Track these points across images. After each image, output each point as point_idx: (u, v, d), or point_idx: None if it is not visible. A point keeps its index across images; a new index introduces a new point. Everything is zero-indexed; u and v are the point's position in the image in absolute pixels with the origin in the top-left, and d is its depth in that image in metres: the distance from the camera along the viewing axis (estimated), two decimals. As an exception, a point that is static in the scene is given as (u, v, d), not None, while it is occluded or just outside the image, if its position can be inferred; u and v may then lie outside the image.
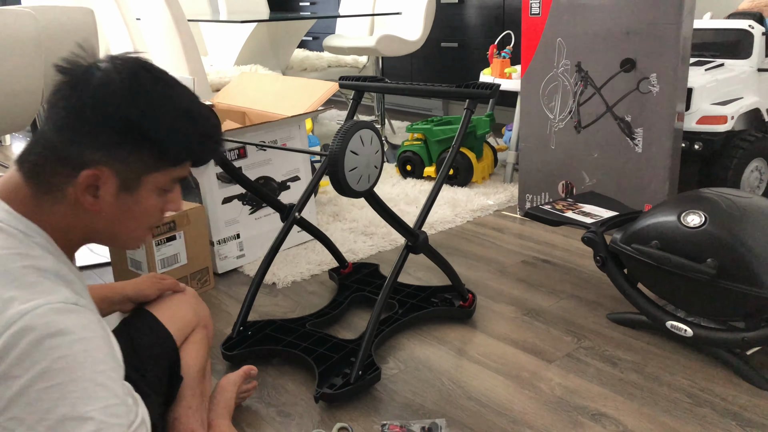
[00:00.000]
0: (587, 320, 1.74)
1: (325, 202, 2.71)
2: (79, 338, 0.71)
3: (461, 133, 1.62)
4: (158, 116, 0.79)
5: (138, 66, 0.80)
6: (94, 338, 0.73)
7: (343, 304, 1.81)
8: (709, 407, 1.37)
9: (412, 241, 1.57)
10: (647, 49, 2.09)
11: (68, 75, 0.78)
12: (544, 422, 1.34)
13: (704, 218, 1.46)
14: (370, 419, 1.38)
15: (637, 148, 2.19)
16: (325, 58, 3.91)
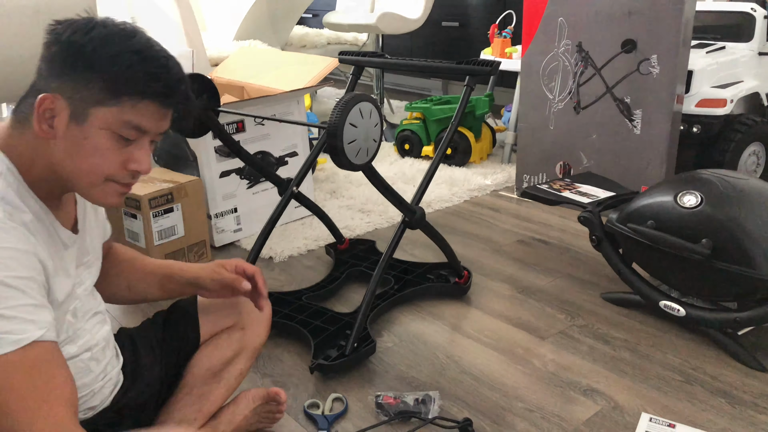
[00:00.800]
0: (581, 299, 1.76)
1: (323, 179, 2.71)
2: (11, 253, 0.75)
3: (460, 111, 1.62)
4: (107, 49, 0.80)
5: (108, 19, 0.83)
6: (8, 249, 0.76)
7: (340, 279, 1.82)
8: (700, 385, 1.39)
9: (410, 217, 1.57)
10: (649, 31, 2.08)
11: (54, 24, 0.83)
12: (536, 396, 1.36)
13: (700, 199, 1.47)
14: (364, 390, 1.39)
15: (636, 130, 2.19)
16: (324, 35, 3.88)
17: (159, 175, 1.97)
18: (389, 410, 1.32)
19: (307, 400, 1.36)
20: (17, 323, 0.74)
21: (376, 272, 1.51)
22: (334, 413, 1.33)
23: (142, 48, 0.82)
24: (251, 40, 3.34)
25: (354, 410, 1.33)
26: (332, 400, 1.36)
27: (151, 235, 1.84)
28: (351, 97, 1.26)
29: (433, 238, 1.69)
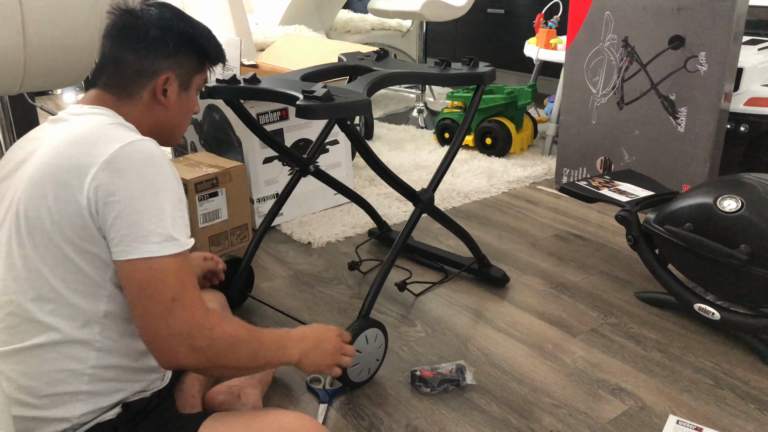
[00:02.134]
0: (615, 297, 1.76)
1: (362, 166, 2.75)
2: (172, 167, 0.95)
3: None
4: (199, 29, 1.08)
5: (171, 5, 1.09)
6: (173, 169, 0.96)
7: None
8: (730, 390, 1.39)
9: (414, 202, 1.59)
10: (698, 26, 2.04)
11: (128, 12, 1.03)
12: (564, 393, 1.39)
13: (741, 204, 1.46)
14: (395, 376, 1.44)
15: (680, 128, 2.16)
16: (369, 21, 3.90)
17: (205, 160, 2.04)
18: (431, 382, 1.38)
19: (308, 375, 1.42)
20: (186, 231, 0.93)
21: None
22: (335, 388, 1.39)
23: (202, 25, 1.10)
24: (296, 25, 3.38)
25: (383, 389, 1.38)
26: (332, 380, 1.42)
27: (195, 218, 1.91)
28: (359, 325, 1.35)
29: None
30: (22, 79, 1.54)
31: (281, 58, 2.56)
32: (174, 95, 1.06)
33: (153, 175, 0.91)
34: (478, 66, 1.64)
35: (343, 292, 1.80)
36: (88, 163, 0.89)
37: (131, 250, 0.87)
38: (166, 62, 1.04)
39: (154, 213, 0.89)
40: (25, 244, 0.90)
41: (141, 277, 0.88)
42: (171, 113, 1.07)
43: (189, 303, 0.89)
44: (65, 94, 4.38)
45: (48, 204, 0.89)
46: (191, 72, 1.08)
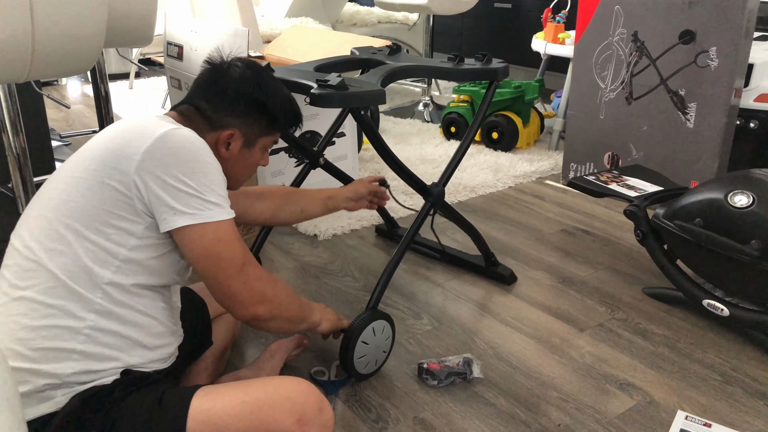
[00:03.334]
0: (622, 292, 1.76)
1: (368, 159, 2.74)
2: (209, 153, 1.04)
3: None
4: (274, 99, 1.15)
5: (258, 66, 1.17)
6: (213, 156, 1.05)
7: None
8: (739, 386, 1.39)
9: (424, 196, 1.58)
10: (709, 22, 2.02)
11: (216, 66, 1.15)
12: (571, 387, 1.38)
13: (752, 199, 1.45)
14: (402, 368, 1.43)
15: (689, 123, 2.15)
16: (375, 14, 3.88)
17: (211, 151, 2.03)
18: (438, 374, 1.37)
19: (313, 368, 1.43)
20: (227, 201, 1.01)
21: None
22: (340, 379, 1.38)
23: (288, 95, 1.19)
24: (303, 18, 3.37)
25: (390, 381, 1.38)
26: (336, 366, 1.42)
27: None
28: (366, 317, 1.35)
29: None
30: (30, 66, 1.53)
31: (288, 49, 2.55)
32: (236, 150, 1.14)
33: (198, 153, 1.00)
34: (492, 62, 1.63)
35: (350, 284, 1.80)
36: (135, 147, 0.97)
37: (194, 217, 0.96)
38: (234, 120, 1.13)
39: (206, 185, 0.98)
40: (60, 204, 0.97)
41: (209, 244, 0.98)
42: (230, 164, 1.15)
43: (253, 263, 1.03)
44: (70, 83, 4.37)
45: (95, 177, 0.97)
46: (258, 133, 1.16)
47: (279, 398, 0.93)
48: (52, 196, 0.99)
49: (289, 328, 1.19)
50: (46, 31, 1.52)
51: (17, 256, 0.97)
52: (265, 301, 1.04)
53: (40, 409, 0.90)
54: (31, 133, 2.02)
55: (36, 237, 0.96)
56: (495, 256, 1.82)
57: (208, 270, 1.00)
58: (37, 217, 0.98)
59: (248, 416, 0.91)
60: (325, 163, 1.75)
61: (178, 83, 2.41)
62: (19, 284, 0.94)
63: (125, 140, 0.99)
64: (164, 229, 0.97)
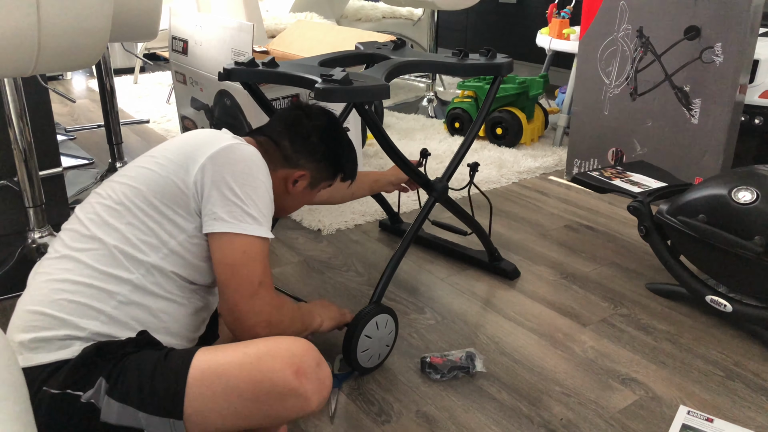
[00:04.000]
0: (625, 288, 1.76)
1: (372, 155, 2.75)
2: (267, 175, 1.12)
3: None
4: (347, 153, 1.31)
5: (336, 119, 1.31)
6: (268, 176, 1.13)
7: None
8: (741, 381, 1.39)
9: (428, 191, 1.58)
10: (715, 17, 2.02)
11: (305, 112, 1.27)
12: (574, 382, 1.38)
13: (756, 195, 1.45)
14: (405, 362, 1.44)
15: (693, 120, 2.14)
16: (380, 9, 3.88)
17: (216, 145, 2.04)
18: (440, 368, 1.38)
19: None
20: (267, 222, 1.08)
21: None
22: (343, 373, 1.39)
23: (351, 144, 1.33)
24: (307, 13, 3.37)
25: (393, 375, 1.39)
26: (339, 360, 1.43)
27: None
28: (370, 311, 1.36)
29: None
30: (36, 60, 1.54)
31: (292, 44, 2.55)
32: (300, 188, 1.25)
33: (255, 170, 1.08)
34: (496, 57, 1.63)
35: (353, 279, 1.81)
36: (203, 152, 1.06)
37: (230, 225, 1.02)
38: (309, 163, 1.24)
39: (253, 200, 1.05)
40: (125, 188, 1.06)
41: (234, 254, 1.03)
42: (290, 198, 1.26)
43: (269, 286, 1.07)
44: (75, 78, 4.38)
45: (164, 172, 1.06)
46: (323, 178, 1.29)
47: (279, 350, 0.95)
48: (121, 181, 1.07)
49: None
50: (53, 25, 1.52)
51: (76, 223, 1.05)
52: (269, 326, 1.08)
53: (56, 355, 0.94)
54: (37, 127, 2.03)
55: (97, 211, 1.04)
56: (498, 251, 1.82)
57: (223, 277, 1.04)
58: (102, 195, 1.07)
59: (248, 365, 0.93)
60: None
61: (183, 78, 2.42)
62: (72, 245, 1.02)
63: (196, 145, 1.09)
64: (204, 231, 1.04)
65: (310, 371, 0.95)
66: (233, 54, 2.09)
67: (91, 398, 0.91)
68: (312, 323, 1.27)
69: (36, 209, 1.83)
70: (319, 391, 0.95)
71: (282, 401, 0.93)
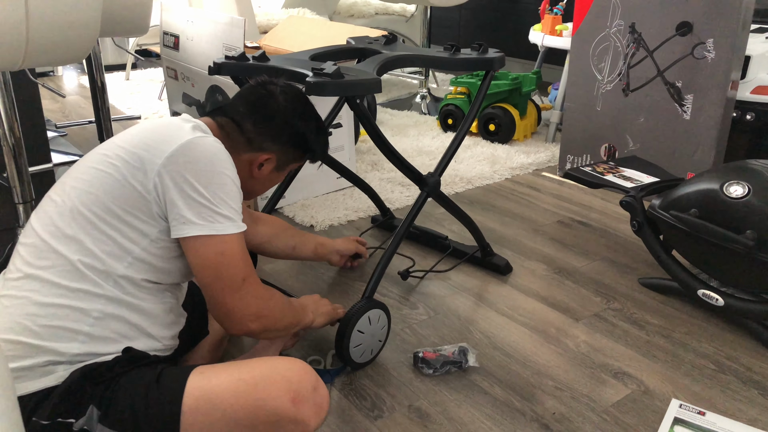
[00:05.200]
0: (618, 283, 1.76)
1: (365, 151, 2.74)
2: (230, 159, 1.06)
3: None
4: (315, 133, 1.22)
5: (304, 97, 1.22)
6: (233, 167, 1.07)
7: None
8: (733, 375, 1.39)
9: (420, 186, 1.58)
10: (706, 13, 2.02)
11: (268, 91, 1.17)
12: (567, 376, 1.38)
13: (748, 189, 1.45)
14: (398, 357, 1.44)
15: (685, 115, 2.15)
16: (372, 5, 3.87)
17: (208, 141, 2.02)
18: (433, 363, 1.38)
19: (309, 357, 1.43)
20: (239, 215, 1.03)
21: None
22: (335, 368, 1.39)
23: (321, 122, 1.24)
24: (300, 8, 3.36)
25: (386, 370, 1.38)
26: (332, 355, 1.42)
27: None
28: (362, 306, 1.35)
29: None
30: (24, 53, 1.53)
31: (284, 40, 2.54)
32: (267, 172, 1.19)
33: (219, 165, 1.02)
34: (488, 51, 1.62)
35: (346, 275, 1.80)
36: (161, 151, 1.00)
37: (202, 228, 0.98)
38: (274, 146, 1.17)
39: (221, 197, 1.00)
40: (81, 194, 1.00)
41: (213, 256, 1.00)
42: (256, 182, 1.20)
43: (254, 281, 1.05)
44: (66, 74, 4.35)
45: (120, 174, 1.00)
46: (290, 160, 1.22)
47: (275, 376, 0.94)
48: (75, 185, 1.01)
49: (282, 336, 1.24)
50: (41, 18, 1.51)
51: (34, 236, 0.99)
52: (259, 318, 1.06)
53: (41, 383, 0.92)
54: (27, 122, 2.01)
55: (54, 222, 0.99)
56: (491, 246, 1.82)
57: (206, 281, 1.02)
58: (57, 202, 1.01)
59: (244, 393, 0.91)
60: None
61: (174, 73, 2.40)
62: (34, 263, 0.97)
63: (153, 142, 1.02)
64: (174, 236, 0.99)
65: (307, 396, 0.94)
66: (225, 49, 2.08)
67: (83, 425, 0.89)
68: (304, 318, 1.26)
69: (26, 205, 1.81)
70: (317, 414, 0.95)
71: (280, 428, 0.92)
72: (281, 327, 1.15)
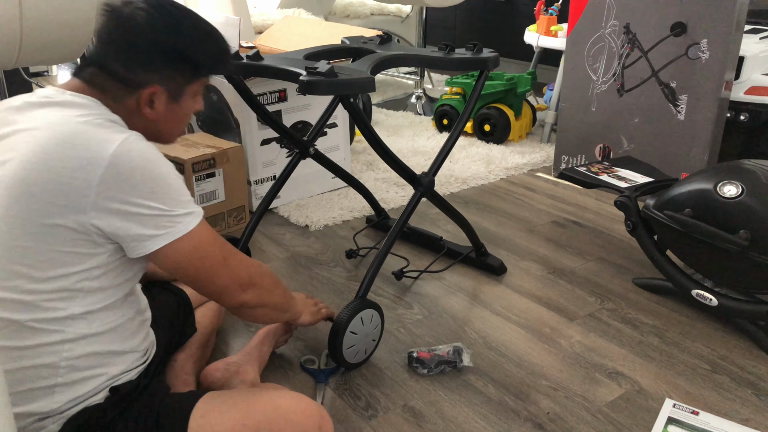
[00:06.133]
0: (612, 283, 1.76)
1: (360, 151, 2.74)
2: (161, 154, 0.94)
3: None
4: (193, 41, 1.00)
5: (166, 3, 0.99)
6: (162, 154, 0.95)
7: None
8: (727, 375, 1.39)
9: (414, 185, 1.58)
10: (701, 14, 2.03)
11: (116, 16, 0.96)
12: (561, 376, 1.39)
13: (741, 189, 1.45)
14: (392, 357, 1.43)
15: (680, 116, 2.15)
16: (368, 6, 3.87)
17: (202, 140, 2.02)
18: (428, 363, 1.38)
19: (303, 357, 1.43)
20: (194, 205, 0.95)
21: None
22: (329, 368, 1.38)
23: (209, 29, 1.03)
24: (296, 9, 3.35)
25: (380, 369, 1.38)
26: (326, 355, 1.42)
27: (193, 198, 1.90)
28: (354, 306, 1.35)
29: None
30: (18, 52, 1.52)
31: (280, 40, 2.54)
32: (162, 107, 1.00)
33: (150, 166, 0.90)
34: (482, 51, 1.62)
35: (340, 275, 1.80)
36: (87, 177, 0.86)
37: (166, 237, 0.91)
38: (152, 75, 0.97)
39: (171, 197, 0.91)
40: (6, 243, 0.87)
41: (187, 255, 0.94)
42: (160, 123, 1.02)
43: (235, 254, 1.01)
44: (60, 74, 4.34)
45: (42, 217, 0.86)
46: (182, 83, 1.01)
47: (279, 421, 0.92)
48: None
49: (275, 317, 1.19)
50: (35, 16, 1.50)
51: None
52: (252, 285, 1.04)
53: None
54: (20, 121, 2.01)
55: None
56: (485, 246, 1.82)
57: (190, 277, 0.98)
58: None
59: None
60: (316, 153, 1.75)
61: (169, 73, 2.40)
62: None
63: (66, 170, 0.85)
64: (137, 255, 0.91)
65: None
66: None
67: None
68: (294, 306, 1.23)
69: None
70: None
71: None
72: (275, 302, 1.12)
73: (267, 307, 1.10)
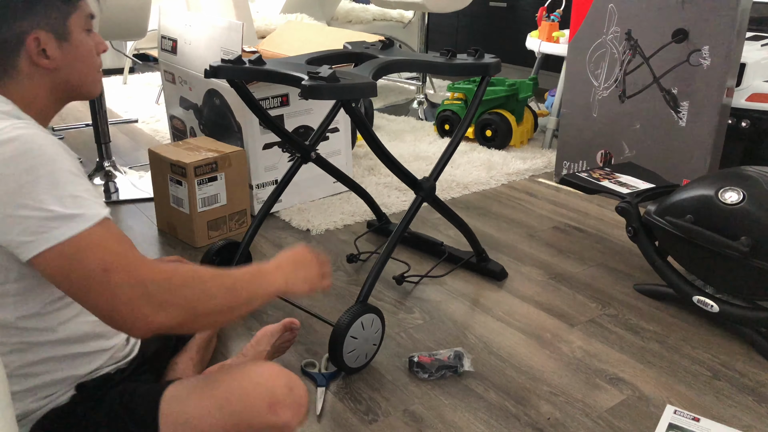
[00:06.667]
0: (614, 289, 1.76)
1: (362, 155, 2.74)
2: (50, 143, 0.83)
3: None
4: None
5: None
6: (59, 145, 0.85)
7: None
8: (727, 381, 1.39)
9: (415, 190, 1.58)
10: (702, 21, 2.03)
11: None
12: (562, 381, 1.38)
13: (742, 196, 1.46)
14: (393, 362, 1.43)
15: (681, 122, 2.16)
16: (370, 11, 3.88)
17: (204, 144, 2.03)
18: (428, 367, 1.38)
19: (303, 360, 1.43)
20: (93, 202, 0.82)
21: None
22: (330, 371, 1.39)
23: None
24: (298, 14, 3.36)
25: (381, 374, 1.38)
26: (326, 359, 1.42)
27: (195, 202, 1.90)
28: (355, 310, 1.35)
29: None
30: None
31: (282, 45, 2.55)
32: (55, 50, 0.90)
33: (29, 165, 0.79)
34: (484, 57, 1.63)
35: (341, 279, 1.80)
36: None
37: (37, 244, 0.78)
38: (24, 22, 0.87)
39: (53, 195, 0.79)
40: None
41: (59, 265, 0.79)
42: (65, 71, 0.93)
43: (124, 266, 0.80)
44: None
45: None
46: (62, 18, 0.91)
47: (248, 386, 0.90)
48: None
49: (229, 319, 0.92)
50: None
51: None
52: (149, 304, 0.80)
53: None
54: (23, 125, 2.01)
55: None
56: (486, 252, 1.82)
57: (74, 294, 0.81)
58: None
59: (218, 412, 0.88)
60: (317, 158, 1.75)
61: (172, 77, 2.40)
62: None
63: None
64: (25, 259, 0.80)
65: (283, 399, 0.89)
66: (223, 53, 2.08)
67: None
68: (267, 287, 0.95)
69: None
70: (297, 414, 0.90)
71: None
72: (210, 308, 0.86)
73: (201, 317, 0.86)
